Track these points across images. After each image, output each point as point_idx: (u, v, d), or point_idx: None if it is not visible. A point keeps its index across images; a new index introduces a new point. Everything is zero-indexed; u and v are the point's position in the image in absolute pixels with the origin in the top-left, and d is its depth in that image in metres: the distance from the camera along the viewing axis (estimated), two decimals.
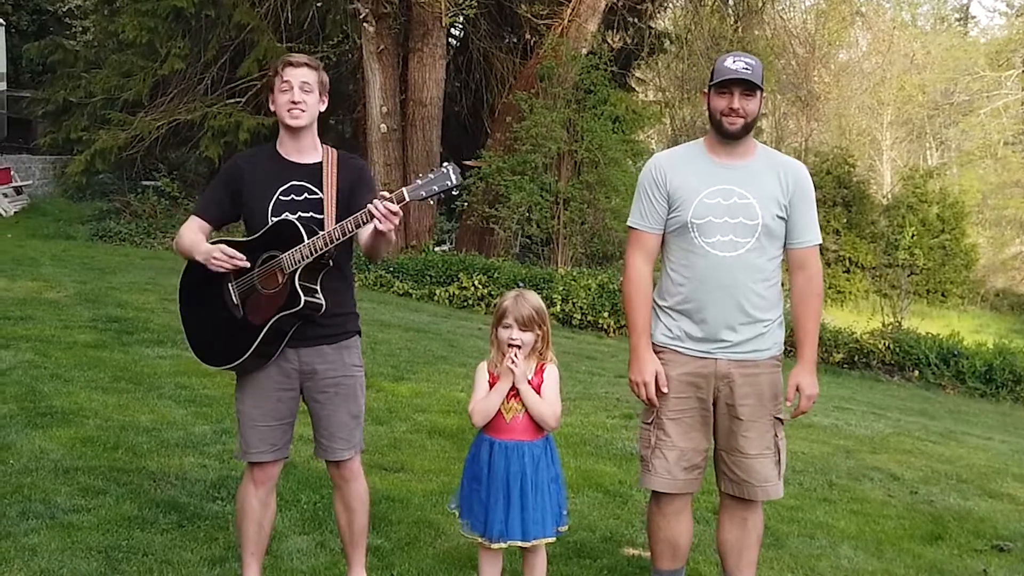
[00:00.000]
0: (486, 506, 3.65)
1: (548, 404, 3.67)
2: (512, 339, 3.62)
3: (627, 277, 3.87)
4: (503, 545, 3.66)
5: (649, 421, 3.83)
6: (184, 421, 6.21)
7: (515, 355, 3.61)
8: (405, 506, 4.97)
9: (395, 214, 3.30)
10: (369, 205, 3.32)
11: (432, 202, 15.72)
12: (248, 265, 3.55)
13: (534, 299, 3.71)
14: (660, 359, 3.78)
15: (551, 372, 3.71)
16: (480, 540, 3.69)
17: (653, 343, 3.81)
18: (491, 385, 3.69)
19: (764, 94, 3.75)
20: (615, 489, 5.69)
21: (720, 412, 3.79)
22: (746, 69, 3.62)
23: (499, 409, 3.66)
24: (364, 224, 3.38)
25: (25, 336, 8.07)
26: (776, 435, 3.80)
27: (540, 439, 3.70)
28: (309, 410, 3.75)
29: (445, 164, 3.35)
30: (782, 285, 3.81)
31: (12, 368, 7.04)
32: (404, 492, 5.19)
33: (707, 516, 5.15)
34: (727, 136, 3.71)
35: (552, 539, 3.75)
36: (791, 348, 3.71)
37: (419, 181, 3.34)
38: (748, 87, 3.63)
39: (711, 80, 3.70)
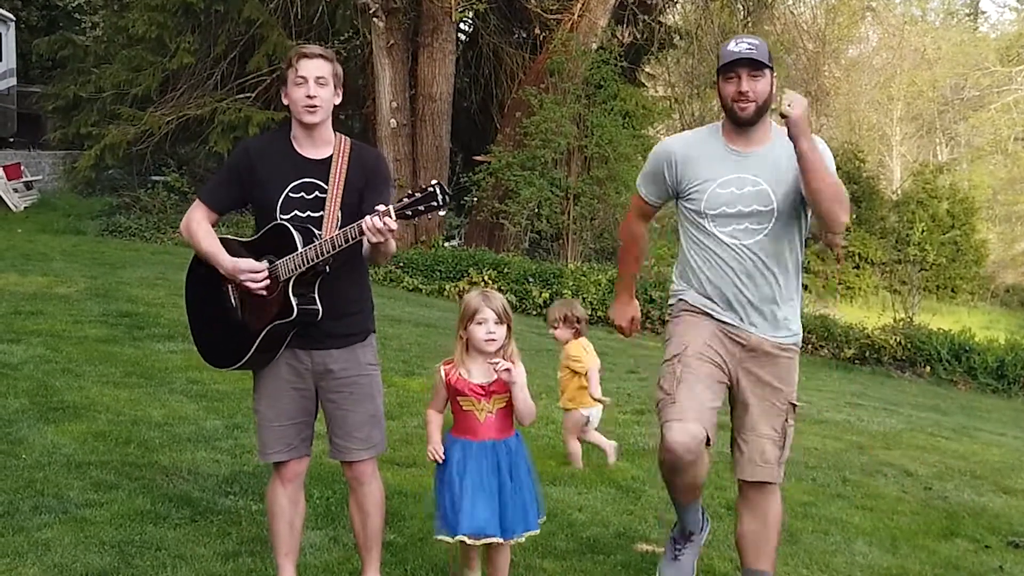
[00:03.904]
0: (458, 506, 3.59)
1: (532, 406, 3.66)
2: (491, 333, 3.56)
3: (623, 229, 4.27)
4: (484, 541, 3.61)
5: (674, 356, 3.74)
6: (196, 416, 6.21)
7: (502, 362, 3.53)
8: (418, 501, 4.94)
9: (389, 230, 3.24)
10: (362, 221, 3.27)
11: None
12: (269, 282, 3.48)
13: (499, 294, 3.69)
14: (694, 319, 3.77)
15: (522, 370, 3.63)
16: (459, 540, 3.61)
17: (688, 302, 3.80)
18: (448, 385, 3.65)
19: (775, 75, 3.70)
20: (628, 485, 5.66)
21: (733, 391, 3.79)
22: (750, 49, 3.57)
23: (471, 410, 3.64)
24: (355, 239, 3.31)
25: (36, 331, 8.07)
26: (787, 420, 3.77)
27: (513, 435, 3.71)
28: (324, 410, 3.70)
29: (434, 184, 3.26)
30: (806, 271, 3.78)
31: (24, 363, 7.04)
32: (417, 487, 5.16)
33: (721, 512, 5.12)
34: (740, 123, 3.66)
35: (535, 531, 3.75)
36: (808, 343, 3.68)
37: (406, 200, 3.26)
38: (754, 66, 3.57)
39: (718, 67, 3.66)
